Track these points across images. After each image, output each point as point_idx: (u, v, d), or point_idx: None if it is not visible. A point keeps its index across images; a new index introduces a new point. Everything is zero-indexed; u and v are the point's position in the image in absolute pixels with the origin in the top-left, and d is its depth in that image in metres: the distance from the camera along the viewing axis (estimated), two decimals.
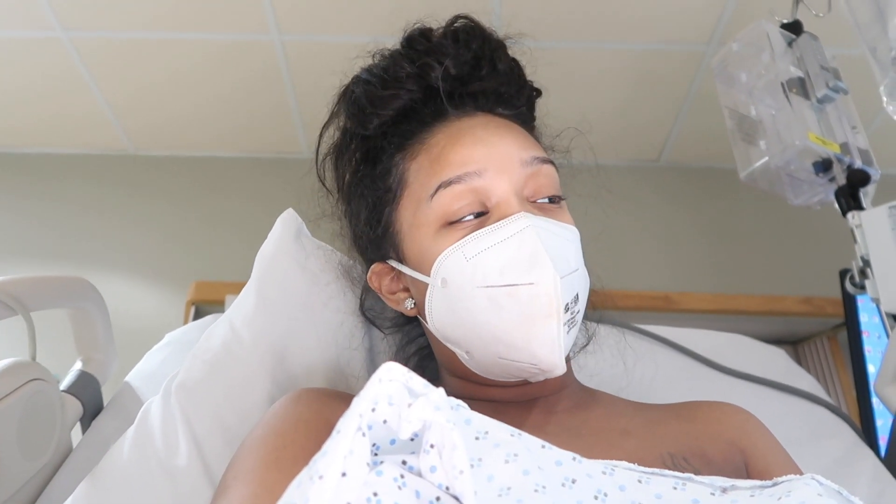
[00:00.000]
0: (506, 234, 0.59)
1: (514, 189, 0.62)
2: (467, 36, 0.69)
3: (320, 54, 1.93)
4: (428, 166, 0.66)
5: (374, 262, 0.73)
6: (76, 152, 2.32)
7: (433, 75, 0.68)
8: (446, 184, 0.62)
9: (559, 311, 0.57)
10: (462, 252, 0.61)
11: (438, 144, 0.66)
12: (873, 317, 1.49)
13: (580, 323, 0.64)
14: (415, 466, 0.38)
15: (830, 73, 1.20)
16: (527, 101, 0.74)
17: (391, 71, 0.70)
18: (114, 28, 1.87)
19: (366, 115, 0.71)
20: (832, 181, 1.15)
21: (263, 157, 2.32)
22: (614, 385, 0.87)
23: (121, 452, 0.72)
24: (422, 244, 0.65)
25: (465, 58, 0.69)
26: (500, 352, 0.60)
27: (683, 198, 2.28)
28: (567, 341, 0.59)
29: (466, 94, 0.70)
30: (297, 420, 0.58)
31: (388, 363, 0.40)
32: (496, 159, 0.63)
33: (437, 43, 0.69)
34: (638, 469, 0.51)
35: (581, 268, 0.63)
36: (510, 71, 0.72)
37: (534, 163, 0.64)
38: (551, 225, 0.61)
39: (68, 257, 2.12)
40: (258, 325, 0.79)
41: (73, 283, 0.84)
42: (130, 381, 0.93)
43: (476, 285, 0.60)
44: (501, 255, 0.59)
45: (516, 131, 0.67)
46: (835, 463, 0.90)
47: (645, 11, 1.80)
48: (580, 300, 0.61)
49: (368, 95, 0.70)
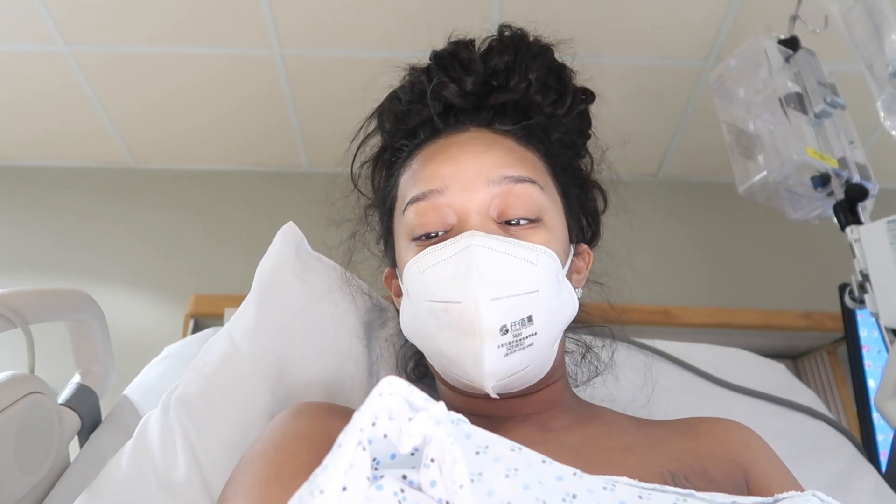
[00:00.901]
0: (448, 254, 0.60)
1: (476, 208, 0.62)
2: (502, 47, 0.71)
3: (321, 69, 1.95)
4: (407, 181, 0.68)
5: (388, 266, 0.75)
6: (77, 165, 2.32)
7: (446, 93, 0.70)
8: (413, 200, 0.65)
9: (482, 332, 0.56)
10: (417, 266, 0.62)
11: (419, 160, 0.68)
12: (873, 331, 1.48)
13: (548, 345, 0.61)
14: (415, 481, 0.38)
15: (828, 88, 1.21)
16: (569, 107, 0.73)
17: (414, 87, 0.73)
18: (115, 42, 1.88)
19: (392, 130, 0.75)
20: (830, 196, 1.16)
21: (264, 170, 2.33)
22: (611, 399, 0.87)
23: (119, 466, 0.72)
24: (400, 255, 0.67)
25: (497, 69, 0.70)
26: (445, 364, 0.62)
27: (682, 212, 2.28)
28: (504, 364, 0.58)
29: (476, 108, 0.71)
30: (298, 434, 0.58)
31: (388, 377, 0.40)
32: (462, 177, 0.63)
33: (465, 58, 0.71)
34: (639, 485, 0.51)
35: (544, 290, 0.60)
36: (545, 79, 0.71)
37: (503, 182, 0.63)
38: (503, 245, 0.59)
39: (68, 270, 2.12)
40: (258, 339, 0.79)
41: (73, 296, 0.84)
42: (129, 394, 0.93)
43: (424, 299, 0.61)
44: (442, 273, 0.60)
45: (500, 148, 0.66)
46: (835, 478, 0.90)
47: (644, 27, 1.81)
48: (536, 322, 0.59)
49: (394, 111, 0.74)
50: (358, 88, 0.76)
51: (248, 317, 0.80)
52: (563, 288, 0.63)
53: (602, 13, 1.76)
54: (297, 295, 0.83)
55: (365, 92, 0.76)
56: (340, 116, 0.80)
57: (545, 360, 0.63)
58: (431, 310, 0.60)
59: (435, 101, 0.70)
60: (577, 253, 0.71)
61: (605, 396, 0.87)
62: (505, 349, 0.58)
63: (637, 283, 0.84)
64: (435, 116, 0.70)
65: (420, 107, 0.72)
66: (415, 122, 0.72)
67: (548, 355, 0.63)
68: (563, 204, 0.69)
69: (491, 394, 0.59)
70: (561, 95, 0.72)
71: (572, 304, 0.65)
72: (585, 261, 0.73)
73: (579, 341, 0.81)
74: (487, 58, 0.71)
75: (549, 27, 0.72)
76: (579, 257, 0.72)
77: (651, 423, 0.68)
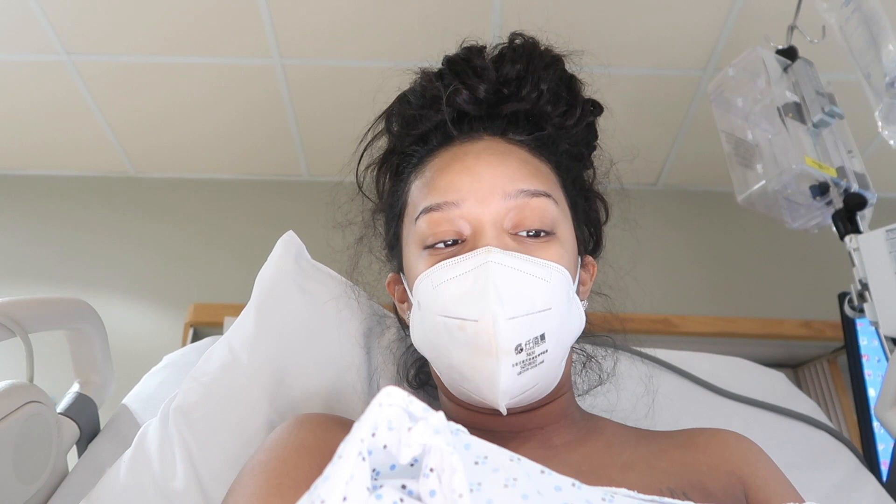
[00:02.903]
0: (465, 269, 0.59)
1: (491, 220, 0.62)
2: (514, 55, 0.69)
3: (321, 78, 1.95)
4: (420, 188, 0.67)
5: (392, 272, 0.74)
6: (77, 174, 2.33)
7: (459, 99, 0.69)
8: (427, 210, 0.64)
9: (498, 351, 0.56)
10: (430, 279, 0.61)
11: (433, 168, 0.67)
12: (873, 340, 1.48)
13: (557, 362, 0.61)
14: (414, 490, 0.37)
15: (826, 98, 1.21)
16: (578, 119, 0.73)
17: (426, 92, 0.71)
18: (116, 52, 1.89)
19: (400, 133, 0.73)
20: (829, 205, 1.16)
21: (264, 179, 2.33)
22: (611, 409, 0.87)
23: (117, 476, 0.71)
24: (410, 263, 0.66)
25: (510, 77, 0.69)
26: (457, 379, 0.61)
27: (682, 221, 2.28)
28: (518, 382, 0.57)
29: (489, 116, 0.70)
30: (300, 446, 0.57)
31: (387, 387, 0.40)
32: (477, 190, 0.62)
33: (478, 64, 0.69)
34: (637, 496, 0.50)
35: (556, 307, 0.60)
36: (556, 89, 0.71)
37: (519, 196, 0.62)
38: (519, 262, 0.59)
39: (68, 279, 2.12)
40: (257, 348, 0.78)
41: (72, 305, 0.84)
42: (128, 403, 0.92)
43: (437, 313, 0.60)
44: (458, 289, 0.59)
45: (515, 160, 0.66)
46: (836, 488, 0.89)
47: (643, 37, 1.82)
48: (548, 340, 0.59)
49: (403, 114, 0.73)
50: (358, 97, 0.75)
51: (248, 326, 0.80)
52: (572, 304, 0.63)
53: (601, 24, 1.77)
54: (297, 304, 0.83)
55: (376, 94, 0.75)
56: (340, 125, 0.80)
57: (554, 375, 0.62)
58: (445, 325, 0.59)
59: (449, 108, 0.69)
60: (582, 265, 0.71)
61: (605, 407, 0.86)
62: (519, 368, 0.57)
63: (637, 292, 0.84)
64: (449, 123, 0.69)
65: (431, 112, 0.70)
66: (426, 127, 0.71)
67: (557, 371, 0.63)
68: (572, 216, 0.69)
69: (502, 411, 0.59)
70: (571, 107, 0.72)
71: (580, 319, 0.65)
72: (590, 272, 0.73)
73: (581, 350, 0.81)
74: (499, 66, 0.69)
75: (551, 38, 0.71)
76: (584, 269, 0.72)
77: (650, 436, 0.68)
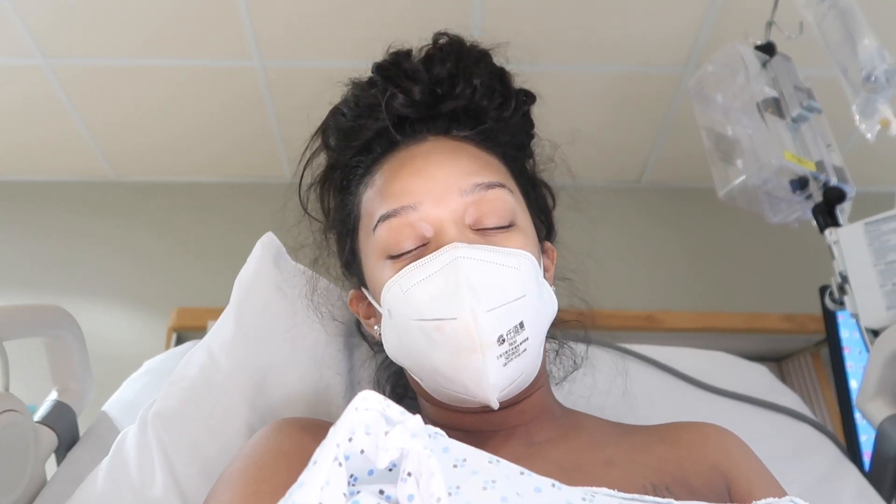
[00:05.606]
0: (433, 269, 0.58)
1: (451, 218, 0.61)
2: (442, 55, 0.69)
3: (302, 79, 1.94)
4: (373, 198, 0.66)
5: (353, 289, 0.73)
6: (56, 179, 2.30)
7: (396, 104, 0.68)
8: (384, 217, 0.63)
9: (482, 346, 0.55)
10: (399, 285, 0.60)
11: (383, 176, 0.66)
12: (854, 332, 1.50)
13: (536, 350, 0.61)
14: (392, 495, 0.37)
15: (804, 93, 1.22)
16: (514, 110, 0.72)
17: (360, 101, 0.70)
18: (94, 55, 1.86)
19: (339, 147, 0.72)
20: (809, 199, 1.17)
21: (246, 182, 2.31)
22: (597, 404, 0.87)
23: (95, 484, 0.70)
24: (373, 274, 0.65)
25: (441, 77, 0.68)
26: (440, 382, 0.60)
27: (665, 218, 2.29)
28: (504, 374, 0.57)
29: (429, 117, 0.69)
30: (278, 452, 0.57)
31: (364, 392, 0.39)
32: (432, 190, 0.62)
33: (408, 68, 0.69)
34: (618, 495, 0.50)
35: (529, 294, 0.60)
36: (489, 83, 0.70)
37: (475, 190, 0.62)
38: (487, 253, 0.59)
39: (48, 285, 2.09)
40: (237, 352, 0.78)
41: (48, 312, 0.83)
42: (108, 410, 0.91)
43: (411, 318, 0.59)
44: (430, 289, 0.58)
45: (464, 156, 0.66)
46: (819, 479, 0.90)
47: (623, 35, 1.82)
48: (527, 328, 0.59)
49: (340, 127, 0.72)
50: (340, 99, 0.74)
51: (227, 329, 0.80)
52: (543, 289, 0.63)
53: (581, 23, 1.77)
54: (277, 306, 0.82)
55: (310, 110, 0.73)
56: None
57: (535, 363, 0.62)
58: (422, 329, 0.58)
59: (388, 113, 0.68)
60: (543, 251, 0.71)
61: (583, 392, 0.86)
62: (504, 359, 0.57)
63: (621, 289, 0.84)
64: (391, 128, 0.68)
65: (370, 120, 0.69)
66: (367, 136, 0.70)
67: (537, 359, 0.62)
68: (527, 204, 0.69)
69: (494, 406, 0.58)
70: (505, 98, 0.72)
71: (553, 304, 0.65)
72: (551, 258, 0.74)
73: (552, 338, 0.81)
74: (430, 66, 0.69)
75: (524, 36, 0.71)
76: (545, 255, 0.72)
77: (632, 431, 0.68)
